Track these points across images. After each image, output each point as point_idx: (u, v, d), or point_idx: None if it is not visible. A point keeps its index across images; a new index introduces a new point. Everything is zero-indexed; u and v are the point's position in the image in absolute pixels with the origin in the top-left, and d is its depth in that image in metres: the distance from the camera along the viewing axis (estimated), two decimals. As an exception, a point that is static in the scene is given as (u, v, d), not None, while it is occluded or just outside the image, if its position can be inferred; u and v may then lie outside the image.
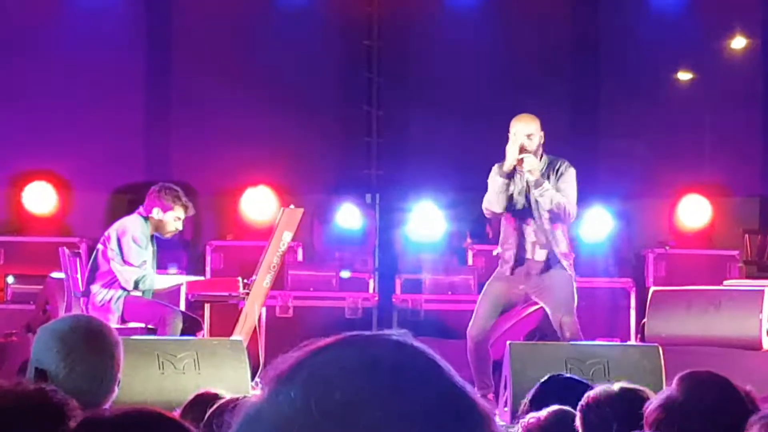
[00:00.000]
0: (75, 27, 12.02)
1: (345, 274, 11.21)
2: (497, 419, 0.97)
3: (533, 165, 7.87)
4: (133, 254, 8.40)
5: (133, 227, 8.45)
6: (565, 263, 7.99)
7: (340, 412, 0.99)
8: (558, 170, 7.99)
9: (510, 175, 7.91)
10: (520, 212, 8.02)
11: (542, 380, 5.00)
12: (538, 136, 7.95)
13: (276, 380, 1.05)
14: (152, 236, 8.57)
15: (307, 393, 1.01)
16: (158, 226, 8.53)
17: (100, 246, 8.55)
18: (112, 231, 8.49)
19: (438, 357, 1.06)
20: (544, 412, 3.93)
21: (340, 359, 1.04)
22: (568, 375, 5.20)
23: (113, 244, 8.42)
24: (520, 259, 8.00)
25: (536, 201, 7.94)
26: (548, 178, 7.94)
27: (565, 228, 8.08)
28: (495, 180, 7.93)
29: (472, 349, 8.00)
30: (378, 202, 12.40)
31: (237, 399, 3.43)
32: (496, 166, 8.06)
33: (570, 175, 7.99)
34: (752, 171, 12.56)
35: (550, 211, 7.90)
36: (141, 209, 8.56)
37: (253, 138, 12.09)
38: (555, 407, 3.91)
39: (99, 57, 12.09)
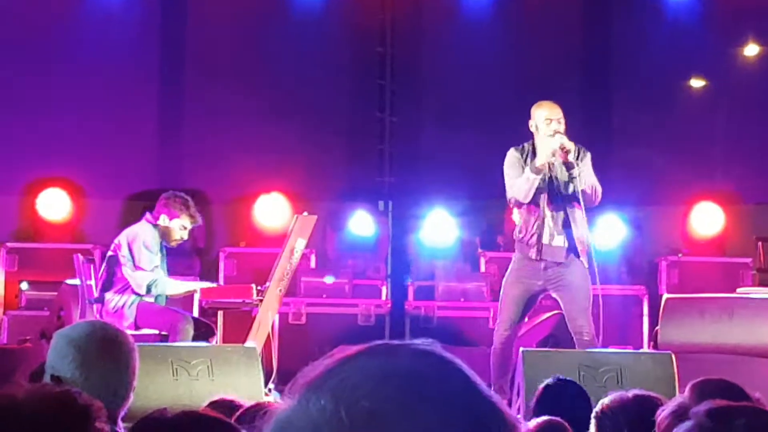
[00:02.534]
0: (89, 37, 12.05)
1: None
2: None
3: (571, 146, 7.89)
4: (145, 259, 8.43)
5: (143, 233, 8.49)
6: (582, 252, 7.99)
7: (368, 421, 1.00)
8: (578, 155, 8.02)
9: (540, 170, 7.90)
10: (543, 198, 8.01)
11: (544, 384, 5.02)
12: (563, 119, 8.00)
13: (306, 388, 1.06)
14: (161, 243, 8.59)
15: (337, 401, 1.02)
16: (164, 233, 8.56)
17: (110, 253, 8.58)
18: (122, 238, 8.53)
19: (465, 367, 1.08)
20: (533, 423, 3.95)
21: (368, 368, 1.05)
22: (567, 379, 5.22)
23: (124, 251, 8.45)
24: (540, 245, 7.99)
25: (559, 186, 7.94)
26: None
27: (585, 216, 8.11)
28: (527, 177, 7.89)
29: (497, 350, 8.00)
30: (391, 209, 12.40)
31: (263, 405, 3.45)
32: (514, 149, 8.05)
33: (589, 158, 8.04)
34: (765, 178, 12.52)
35: (583, 192, 7.89)
36: (149, 216, 8.60)
37: (266, 145, 12.11)
38: (545, 418, 3.93)
39: (113, 66, 12.13)
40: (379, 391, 1.03)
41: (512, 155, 8.08)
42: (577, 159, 7.97)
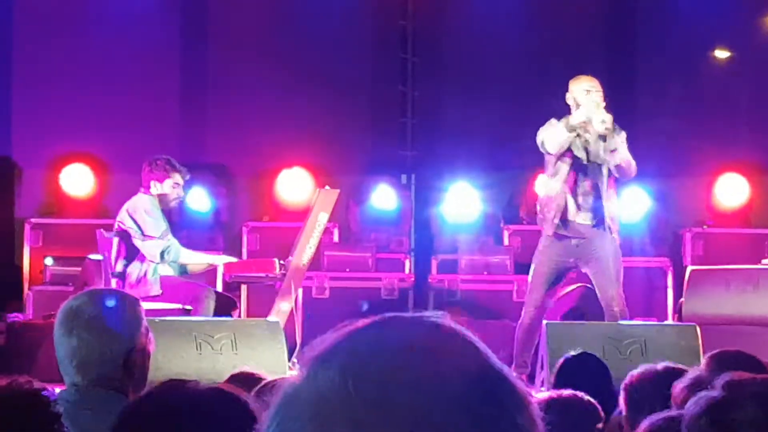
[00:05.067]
0: (112, 14, 12.07)
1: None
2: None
3: (608, 117, 7.86)
4: (150, 226, 8.43)
5: (141, 202, 8.51)
6: (613, 227, 7.96)
7: (376, 393, 1.00)
8: (616, 131, 7.99)
9: (573, 128, 7.85)
10: (572, 173, 7.97)
11: (564, 358, 5.02)
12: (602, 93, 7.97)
13: (314, 360, 1.05)
14: (162, 211, 8.60)
15: (345, 373, 1.02)
16: (160, 198, 8.57)
17: (116, 227, 8.58)
18: (123, 212, 8.55)
19: (476, 339, 1.06)
20: (545, 395, 3.94)
21: (377, 340, 1.04)
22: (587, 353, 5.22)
23: (129, 223, 8.46)
24: (564, 220, 7.96)
25: (594, 160, 7.90)
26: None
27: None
28: (561, 130, 7.83)
29: (525, 325, 8.01)
30: (413, 182, 12.39)
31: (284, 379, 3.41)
32: (554, 120, 7.98)
33: (624, 136, 8.03)
34: (790, 149, 12.49)
35: (618, 167, 7.86)
36: (141, 189, 8.61)
37: (288, 119, 12.11)
38: (569, 392, 3.92)
39: (136, 42, 12.14)
40: (387, 363, 1.02)
41: (554, 123, 8.02)
42: (615, 135, 7.93)
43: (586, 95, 7.93)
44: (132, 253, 8.49)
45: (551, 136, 7.87)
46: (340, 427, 1.00)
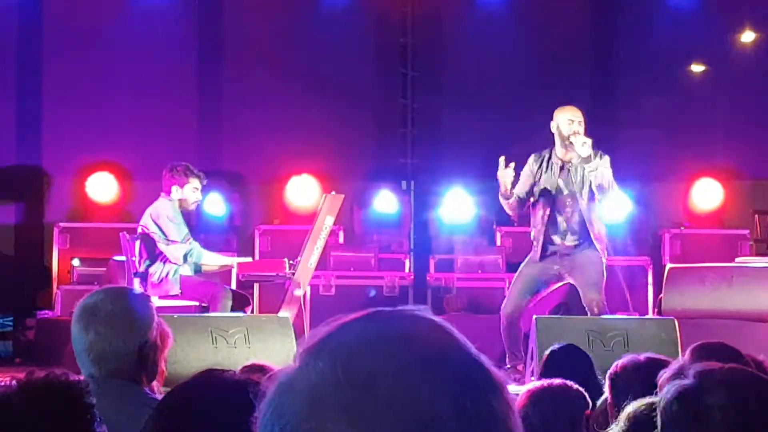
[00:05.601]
0: (134, 32, 12.08)
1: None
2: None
3: (588, 141, 7.83)
4: (173, 231, 8.41)
5: (163, 208, 8.47)
6: (598, 246, 7.94)
7: (364, 381, 1.00)
8: (597, 155, 7.96)
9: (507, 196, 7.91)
10: (554, 200, 7.96)
11: (550, 350, 5.01)
12: (584, 121, 7.95)
13: (307, 352, 1.05)
14: (182, 215, 8.58)
15: (334, 363, 1.02)
16: (181, 202, 8.54)
17: (140, 231, 8.57)
18: (147, 217, 8.52)
19: (454, 330, 1.06)
20: (531, 386, 3.94)
21: (364, 332, 1.04)
22: (571, 345, 5.21)
23: (153, 228, 8.44)
24: (546, 247, 7.95)
25: (575, 187, 7.88)
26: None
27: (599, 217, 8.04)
28: (504, 204, 7.93)
29: (505, 326, 7.97)
30: (413, 188, 12.40)
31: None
32: (534, 156, 8.02)
33: (608, 160, 7.95)
34: (761, 155, 12.47)
35: (598, 187, 7.82)
36: (162, 194, 8.58)
37: (297, 130, 12.12)
38: (560, 381, 3.91)
39: (156, 58, 12.15)
40: (373, 353, 1.02)
41: (527, 166, 8.05)
42: (596, 157, 7.87)
43: (568, 125, 7.92)
44: (154, 255, 8.48)
45: (504, 207, 7.97)
46: (331, 413, 1.00)
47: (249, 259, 9.47)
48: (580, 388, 3.89)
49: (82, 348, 3.35)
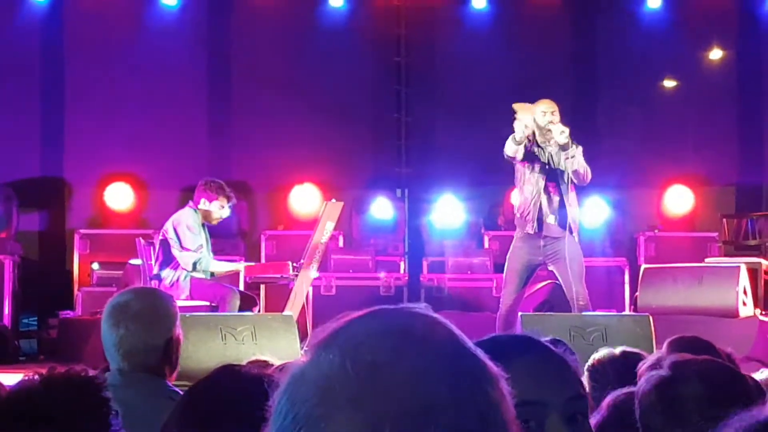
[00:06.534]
0: (149, 53, 12.08)
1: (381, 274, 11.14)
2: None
3: (566, 130, 7.87)
4: (188, 240, 8.41)
5: (185, 218, 8.48)
6: (574, 228, 7.97)
7: (370, 371, 1.01)
8: (572, 143, 8.01)
9: (519, 142, 7.93)
10: (541, 182, 7.99)
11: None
12: (558, 112, 7.98)
13: (317, 346, 1.06)
14: (203, 224, 8.59)
15: (343, 355, 1.03)
16: (206, 215, 8.54)
17: (161, 237, 8.58)
18: (169, 223, 8.53)
19: (452, 325, 1.08)
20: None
21: (369, 327, 1.05)
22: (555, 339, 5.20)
23: (171, 234, 8.45)
24: (540, 221, 7.98)
25: (556, 171, 7.92)
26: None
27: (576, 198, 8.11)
28: (510, 145, 7.93)
29: (503, 314, 7.96)
30: (407, 195, 12.40)
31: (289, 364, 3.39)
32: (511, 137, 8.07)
33: (581, 150, 8.00)
34: (728, 164, 12.51)
35: (575, 172, 7.87)
36: (191, 203, 8.59)
37: (299, 142, 12.12)
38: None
39: (170, 77, 12.16)
40: (378, 345, 1.03)
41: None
42: (573, 145, 7.93)
43: (542, 116, 7.99)
44: (168, 260, 8.49)
45: (508, 147, 7.96)
46: (340, 400, 1.01)
47: (255, 263, 9.46)
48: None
49: (112, 343, 3.36)
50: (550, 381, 1.61)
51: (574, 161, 7.88)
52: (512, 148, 7.95)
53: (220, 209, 8.56)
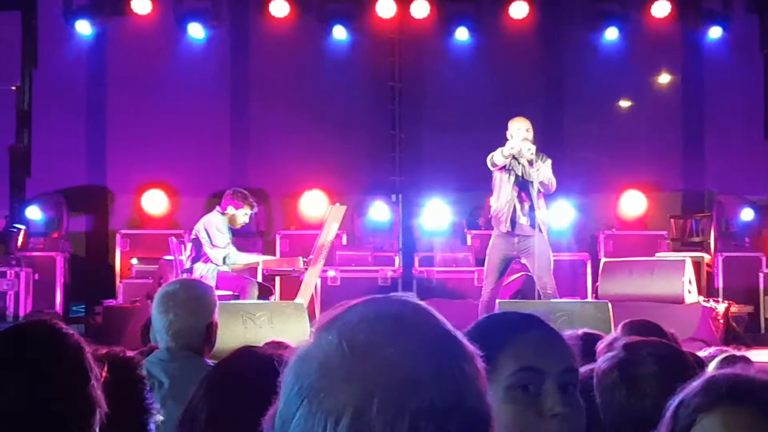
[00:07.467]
0: (179, 77, 12.09)
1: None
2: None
3: (533, 148, 7.92)
4: (218, 238, 8.42)
5: (215, 220, 8.48)
6: (543, 228, 7.99)
7: (363, 350, 1.02)
8: (541, 158, 8.02)
9: (505, 157, 7.96)
10: (515, 189, 8.02)
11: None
12: (532, 130, 8.02)
13: (319, 329, 1.07)
14: (229, 227, 8.60)
15: (340, 336, 1.03)
16: (231, 219, 8.55)
17: (193, 236, 8.58)
18: (200, 224, 8.54)
19: (435, 311, 1.09)
20: None
21: (364, 313, 1.06)
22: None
23: (203, 233, 8.46)
24: (513, 221, 8.01)
25: (526, 181, 7.95)
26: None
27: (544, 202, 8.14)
28: (499, 156, 7.95)
29: (485, 300, 7.97)
30: (401, 200, 12.40)
31: None
32: (499, 149, 8.07)
33: (550, 162, 8.03)
34: (675, 172, 12.53)
35: (542, 183, 7.90)
36: (218, 208, 8.59)
37: (309, 154, 12.13)
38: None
39: (196, 98, 12.17)
40: (371, 327, 1.04)
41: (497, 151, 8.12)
42: (539, 160, 7.95)
43: (517, 131, 8.00)
44: (199, 256, 8.49)
45: (496, 157, 7.96)
46: (338, 375, 1.02)
47: (271, 257, 9.46)
48: None
49: (162, 326, 3.39)
50: (549, 353, 1.63)
51: (540, 173, 7.91)
52: (500, 160, 7.98)
53: (243, 216, 8.58)
